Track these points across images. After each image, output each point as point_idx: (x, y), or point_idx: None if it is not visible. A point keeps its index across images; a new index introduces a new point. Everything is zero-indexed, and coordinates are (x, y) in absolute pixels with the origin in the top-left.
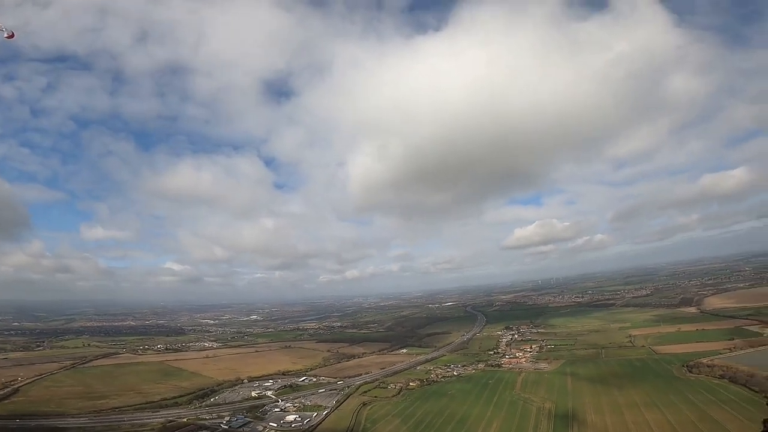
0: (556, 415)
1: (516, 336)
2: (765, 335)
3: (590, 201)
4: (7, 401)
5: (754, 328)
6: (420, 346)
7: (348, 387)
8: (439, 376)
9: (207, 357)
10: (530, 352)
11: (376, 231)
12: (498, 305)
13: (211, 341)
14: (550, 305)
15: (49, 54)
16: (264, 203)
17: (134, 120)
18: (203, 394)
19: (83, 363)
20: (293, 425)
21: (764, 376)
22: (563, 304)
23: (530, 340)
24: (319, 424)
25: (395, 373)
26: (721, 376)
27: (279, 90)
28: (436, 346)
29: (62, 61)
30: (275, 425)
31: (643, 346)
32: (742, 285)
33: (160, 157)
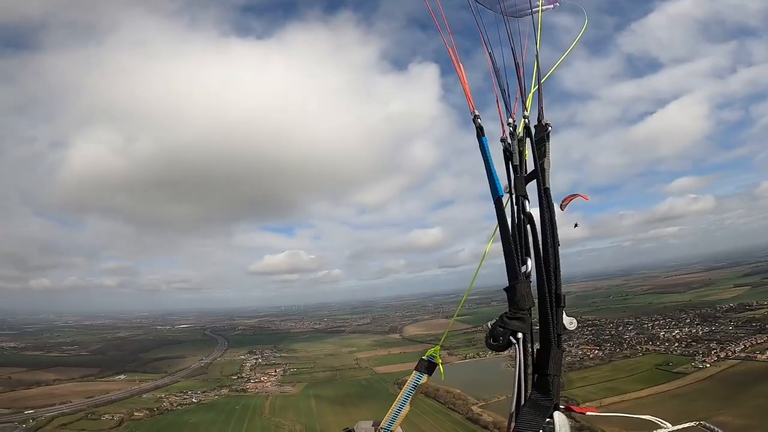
0: None
1: (260, 360)
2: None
3: (334, 239)
4: None
5: None
6: (145, 372)
7: (34, 419)
8: (175, 404)
9: None
10: (275, 375)
11: (86, 235)
12: (241, 329)
13: None
14: (292, 330)
15: None
16: None
17: None
18: None
19: None
20: None
21: (445, 390)
22: (304, 330)
23: (274, 363)
24: None
25: (110, 402)
26: (420, 392)
27: (11, 38)
28: (167, 372)
29: None
30: None
31: (366, 367)
32: (426, 317)
33: None
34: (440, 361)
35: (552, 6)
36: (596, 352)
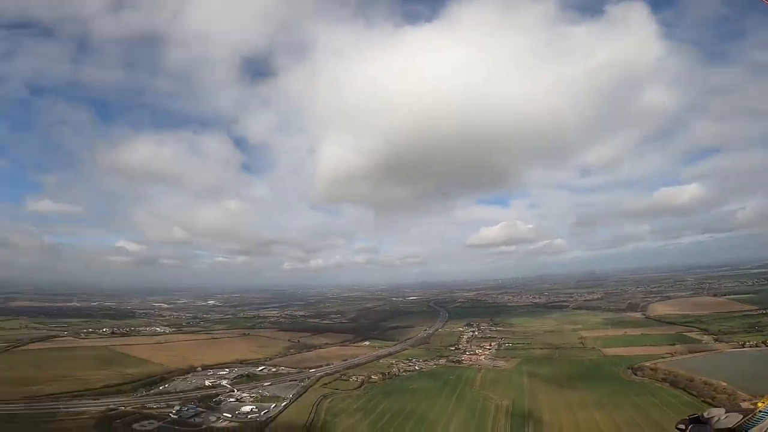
0: (514, 414)
1: (476, 333)
2: (703, 342)
3: (553, 206)
4: None
5: (694, 335)
6: (383, 339)
7: (308, 378)
8: (401, 371)
9: (158, 343)
10: (489, 349)
11: (343, 221)
12: (460, 302)
13: (164, 326)
14: (509, 304)
15: (9, 20)
16: (229, 185)
17: (95, 89)
18: (151, 382)
19: (17, 346)
20: (249, 416)
21: (702, 381)
22: (521, 304)
23: (489, 337)
24: (276, 416)
25: (357, 365)
26: (663, 380)
27: (256, 68)
28: (398, 340)
29: (25, 27)
30: (229, 416)
31: (593, 347)
32: (683, 294)
33: (119, 129)
34: None
35: None
36: None
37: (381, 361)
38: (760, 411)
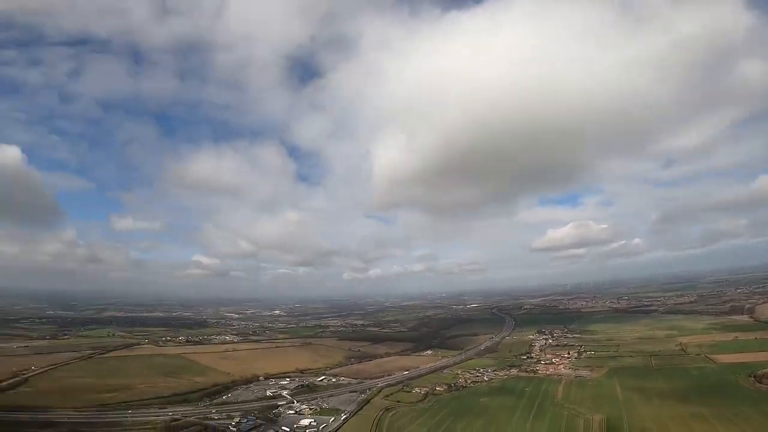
0: (609, 429)
1: (550, 340)
2: None
3: (630, 202)
4: (11, 392)
5: None
6: (445, 348)
7: (369, 389)
8: (468, 381)
9: (226, 351)
10: (568, 358)
11: (400, 229)
12: (526, 308)
13: (233, 335)
14: (583, 310)
15: (72, 37)
16: (287, 195)
17: (155, 103)
18: (216, 390)
19: (102, 353)
20: (307, 430)
21: None
22: (598, 310)
23: (566, 345)
24: (335, 431)
25: (419, 376)
26: None
27: (302, 70)
28: (462, 349)
29: (84, 43)
30: (287, 429)
31: (698, 354)
32: None
33: (182, 145)
34: None
35: None
36: None
37: (445, 371)
38: None
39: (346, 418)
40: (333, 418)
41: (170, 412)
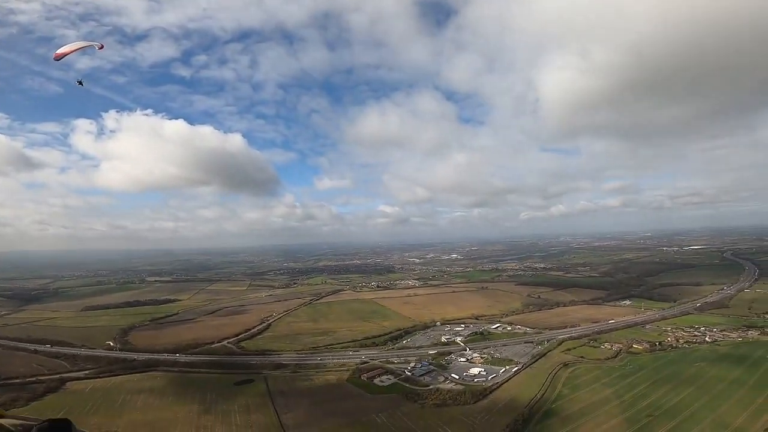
0: None
1: None
2: None
3: None
4: (259, 337)
5: None
6: (651, 299)
7: (547, 341)
8: (681, 341)
9: (408, 296)
10: None
11: (584, 160)
12: None
13: (414, 280)
14: None
15: (233, 32)
16: (452, 138)
17: (318, 75)
18: (398, 335)
19: (317, 299)
20: (475, 380)
21: None
22: None
23: None
24: (503, 383)
25: (612, 329)
26: None
27: (434, 10)
28: (676, 301)
29: (247, 36)
30: (457, 377)
31: None
32: None
33: (350, 108)
34: None
35: None
36: None
37: (648, 326)
38: None
39: (517, 370)
40: (504, 369)
41: (362, 354)
